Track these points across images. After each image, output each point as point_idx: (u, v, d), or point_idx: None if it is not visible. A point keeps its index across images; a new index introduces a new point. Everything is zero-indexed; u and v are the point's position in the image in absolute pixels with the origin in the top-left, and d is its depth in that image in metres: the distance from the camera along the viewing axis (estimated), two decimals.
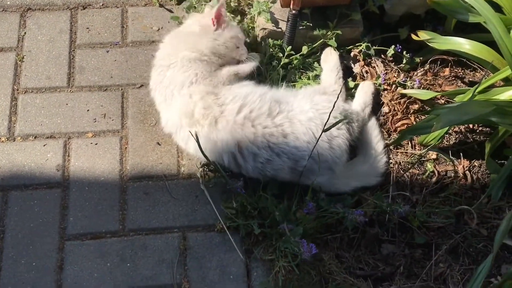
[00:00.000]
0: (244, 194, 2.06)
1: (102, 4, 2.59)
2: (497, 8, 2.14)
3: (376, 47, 2.44)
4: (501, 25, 1.82)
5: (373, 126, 2.24)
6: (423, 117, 2.25)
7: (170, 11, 2.57)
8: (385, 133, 2.30)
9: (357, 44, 2.44)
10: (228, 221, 2.08)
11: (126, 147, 2.24)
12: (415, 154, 2.25)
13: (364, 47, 2.42)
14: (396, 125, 2.30)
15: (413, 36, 2.23)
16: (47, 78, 2.37)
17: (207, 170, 2.18)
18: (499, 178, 1.98)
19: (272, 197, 2.07)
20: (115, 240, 2.05)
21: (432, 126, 1.68)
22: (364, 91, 2.31)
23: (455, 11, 2.01)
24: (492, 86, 2.10)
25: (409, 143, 2.29)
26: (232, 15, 2.48)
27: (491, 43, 2.10)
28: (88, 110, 2.31)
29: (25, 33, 2.49)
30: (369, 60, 2.45)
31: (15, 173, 2.15)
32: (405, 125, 2.27)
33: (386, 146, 2.01)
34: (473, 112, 1.74)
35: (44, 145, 2.22)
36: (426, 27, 2.46)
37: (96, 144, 2.24)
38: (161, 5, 2.59)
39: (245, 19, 2.50)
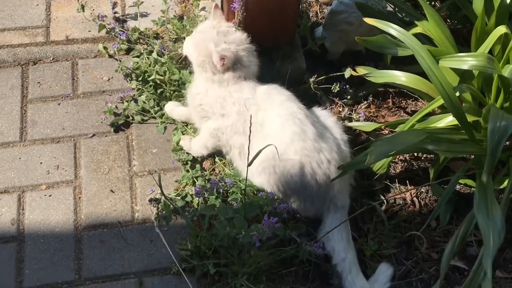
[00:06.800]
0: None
1: (53, 59, 2.64)
2: (430, 41, 2.26)
3: (321, 86, 2.51)
4: (429, 57, 1.88)
5: None
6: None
7: (119, 60, 2.62)
8: None
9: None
10: (184, 263, 2.10)
11: (80, 197, 2.27)
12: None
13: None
14: None
15: (352, 72, 2.32)
16: (0, 134, 2.41)
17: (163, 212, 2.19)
18: (441, 202, 2.03)
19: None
20: None
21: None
22: None
23: (384, 47, 2.09)
24: (430, 114, 2.18)
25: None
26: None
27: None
28: (41, 163, 2.34)
29: None
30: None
31: None
32: None
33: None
34: (405, 142, 1.81)
35: None
36: (368, 63, 2.53)
37: (50, 195, 2.26)
38: (110, 56, 2.65)
39: None
